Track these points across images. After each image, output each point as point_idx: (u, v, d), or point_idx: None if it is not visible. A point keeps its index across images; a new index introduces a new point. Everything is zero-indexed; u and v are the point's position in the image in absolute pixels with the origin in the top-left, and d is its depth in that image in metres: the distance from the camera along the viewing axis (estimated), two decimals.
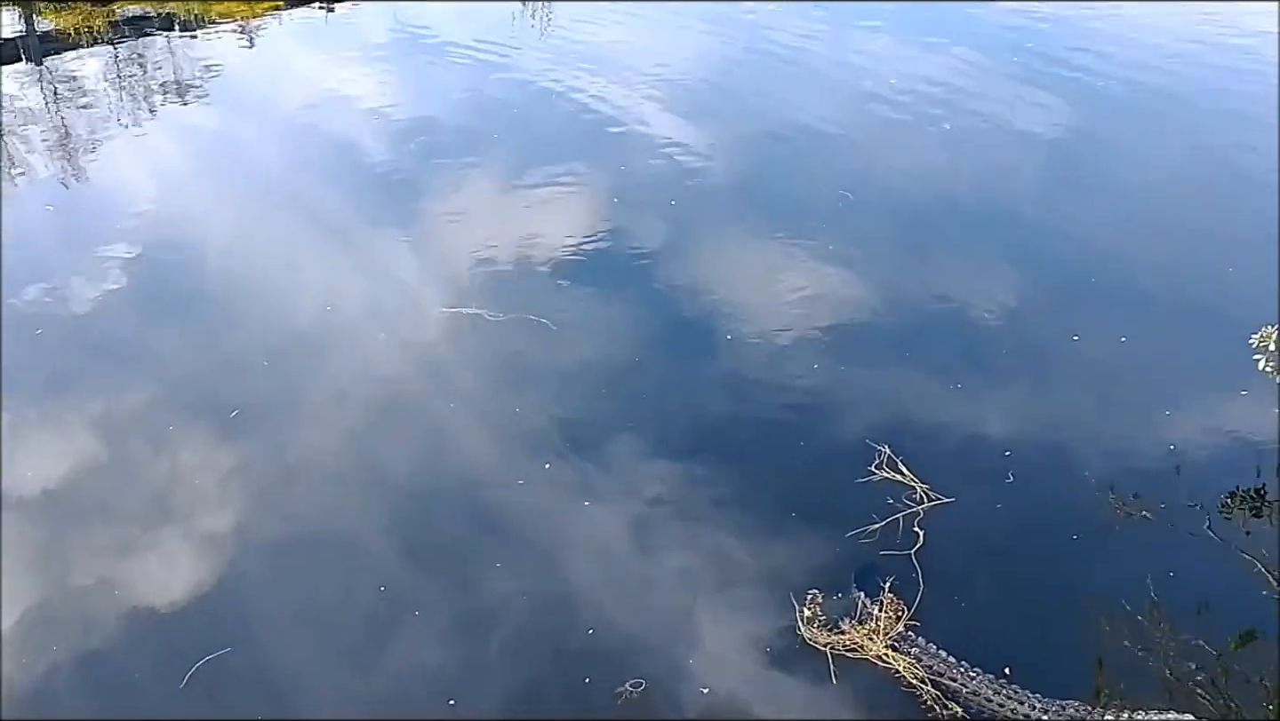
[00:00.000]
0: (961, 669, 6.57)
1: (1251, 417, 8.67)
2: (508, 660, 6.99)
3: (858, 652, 6.72)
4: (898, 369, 9.61)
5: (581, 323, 10.31)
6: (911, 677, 6.54)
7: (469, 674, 6.91)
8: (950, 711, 6.40)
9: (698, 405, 9.24)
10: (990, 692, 6.42)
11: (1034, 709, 6.32)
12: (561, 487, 8.36)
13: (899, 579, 7.24)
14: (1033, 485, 8.24)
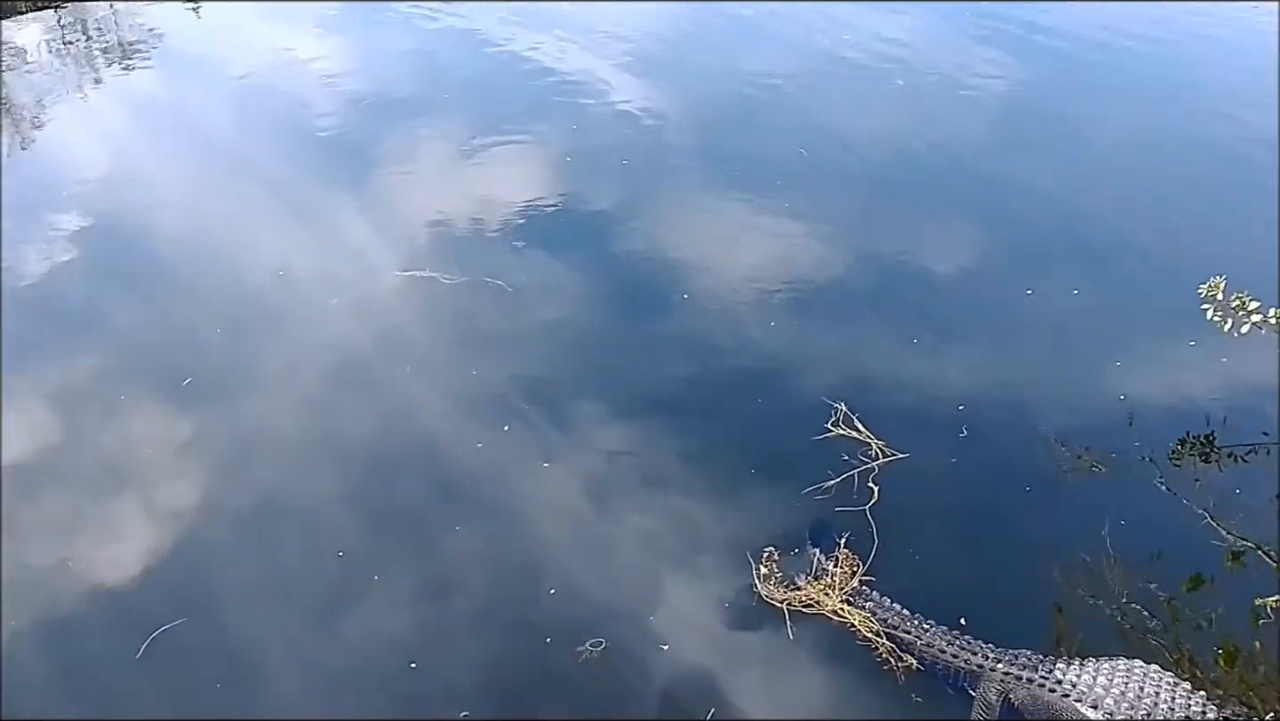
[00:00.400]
0: (915, 621, 6.65)
1: (1200, 367, 8.77)
2: (469, 622, 7.01)
3: (814, 608, 6.79)
4: (854, 325, 9.65)
5: (537, 284, 10.24)
6: (866, 631, 6.61)
7: (430, 637, 6.93)
8: (905, 663, 6.49)
9: (655, 365, 9.24)
10: (944, 644, 6.51)
11: (987, 658, 6.41)
12: (521, 450, 8.35)
13: (854, 534, 7.31)
14: (986, 439, 8.30)
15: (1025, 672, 6.29)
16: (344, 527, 7.71)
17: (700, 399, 8.80)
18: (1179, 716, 5.98)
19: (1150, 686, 6.10)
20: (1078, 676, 6.21)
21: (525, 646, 6.82)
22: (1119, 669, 6.23)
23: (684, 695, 6.42)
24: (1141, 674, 6.19)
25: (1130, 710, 6.01)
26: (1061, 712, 6.13)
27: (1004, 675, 6.30)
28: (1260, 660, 6.65)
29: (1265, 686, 6.54)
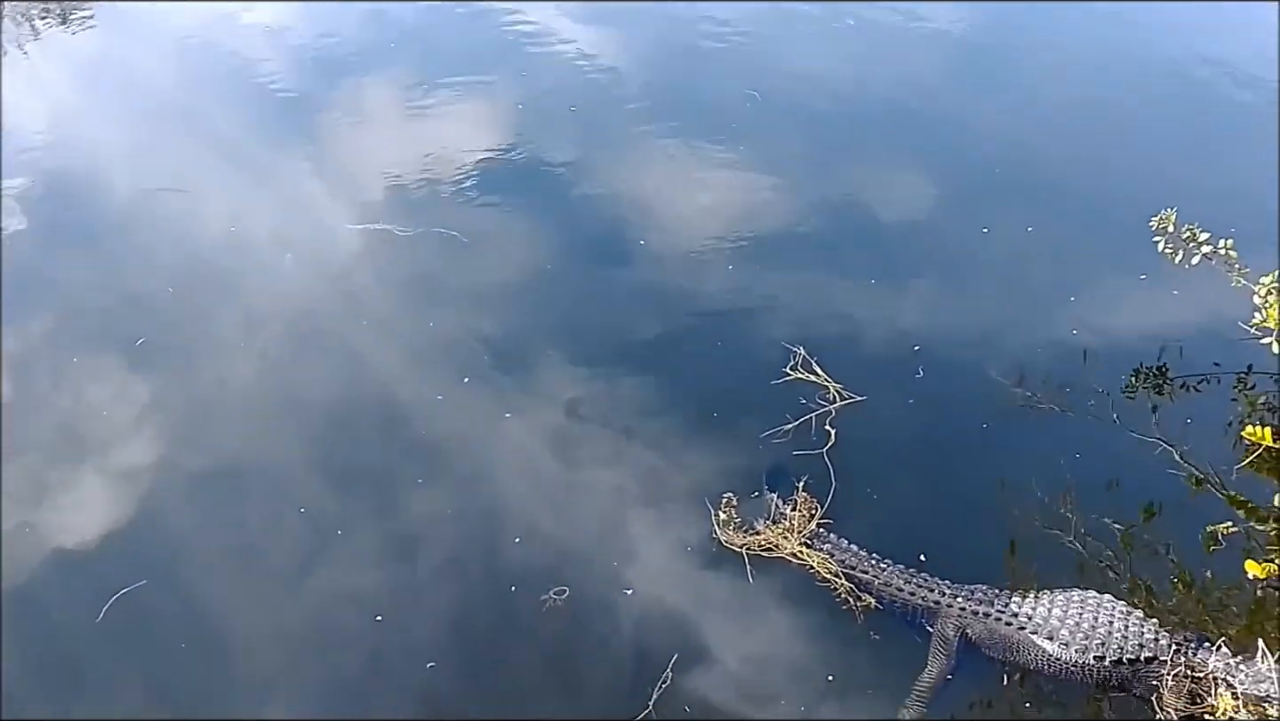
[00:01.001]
0: (872, 561, 6.72)
1: (1152, 300, 8.83)
2: (434, 574, 7.03)
3: (774, 552, 6.84)
4: (811, 269, 9.60)
5: (493, 234, 10.13)
6: (825, 572, 6.67)
7: (395, 590, 6.94)
8: (864, 602, 6.56)
9: (613, 313, 9.20)
10: (901, 582, 6.59)
11: (943, 595, 6.50)
12: (481, 401, 8.32)
13: (813, 478, 7.33)
14: (943, 379, 8.34)
15: (981, 607, 6.38)
16: (304, 484, 7.69)
17: (659, 346, 8.78)
18: (1132, 644, 6.10)
19: (1104, 616, 6.22)
20: (1033, 609, 6.32)
21: (490, 596, 6.85)
22: (1073, 600, 6.34)
23: (647, 640, 6.48)
24: (1095, 604, 6.31)
25: (1084, 640, 6.13)
26: (1018, 645, 6.25)
27: (960, 611, 6.39)
28: (1214, 585, 6.78)
29: (1220, 610, 6.67)
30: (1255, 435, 5.96)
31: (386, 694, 6.40)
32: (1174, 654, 6.07)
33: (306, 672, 6.58)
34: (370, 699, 6.39)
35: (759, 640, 6.43)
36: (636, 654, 6.37)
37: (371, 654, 6.59)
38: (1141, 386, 8.26)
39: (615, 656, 6.42)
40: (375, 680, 6.48)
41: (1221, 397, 8.10)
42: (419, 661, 6.51)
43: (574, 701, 6.21)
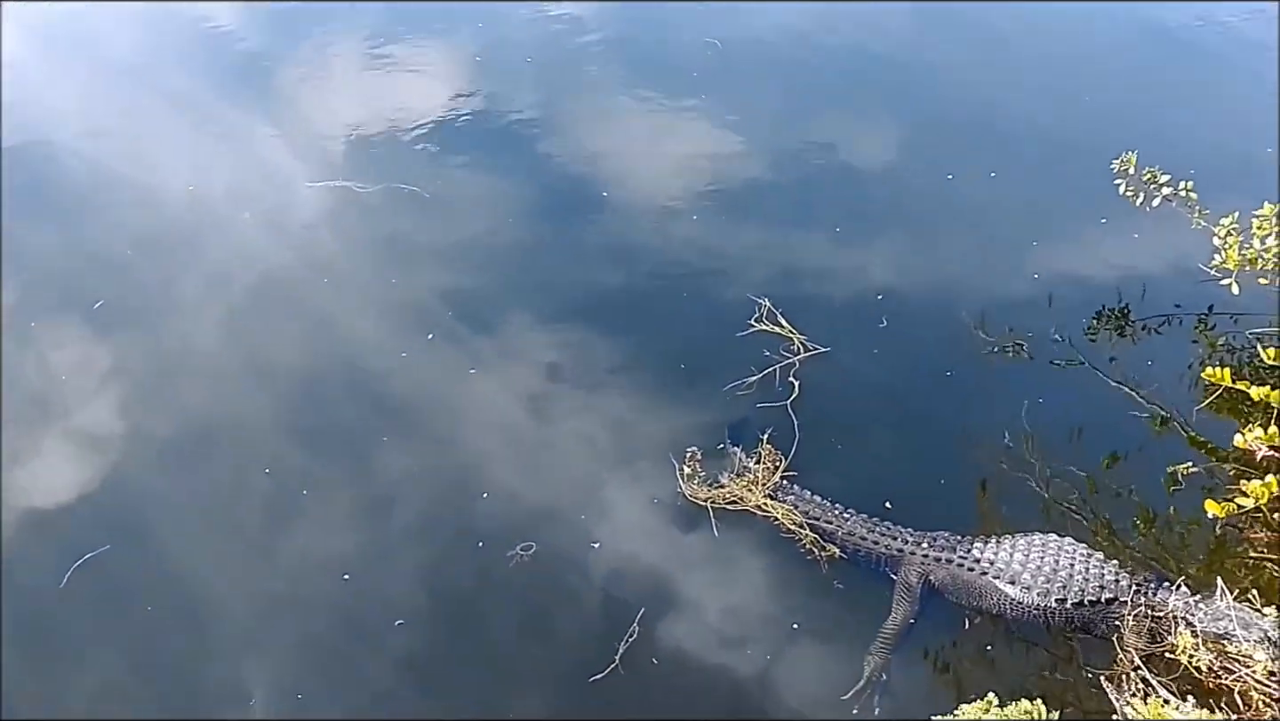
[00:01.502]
0: (836, 511, 6.76)
1: (1114, 243, 8.84)
2: (401, 532, 7.03)
3: (739, 504, 6.86)
4: (776, 219, 9.56)
5: (454, 190, 10.02)
6: (790, 524, 6.70)
7: (362, 548, 6.94)
8: (828, 552, 6.60)
9: (576, 267, 9.14)
10: (864, 531, 6.63)
11: (906, 542, 6.55)
12: (445, 357, 8.29)
13: (777, 430, 7.34)
14: (907, 327, 8.35)
15: (944, 554, 6.44)
16: (267, 444, 7.66)
17: (624, 300, 8.75)
18: (1093, 586, 6.17)
19: (1065, 559, 6.29)
20: (994, 554, 6.38)
21: (458, 553, 6.86)
22: (1034, 544, 6.40)
23: (615, 594, 6.51)
24: (1056, 547, 6.37)
25: (1046, 583, 6.20)
26: (980, 590, 6.31)
27: (923, 558, 6.45)
28: (1176, 524, 6.85)
29: (1181, 550, 6.75)
30: (1215, 376, 5.97)
31: (355, 652, 6.41)
32: (1134, 594, 6.15)
33: (276, 633, 6.58)
34: (339, 657, 6.40)
35: (725, 591, 6.46)
36: (604, 608, 6.40)
37: (339, 612, 6.60)
38: (1104, 329, 8.29)
39: (583, 611, 6.45)
40: (344, 638, 6.49)
41: (1183, 339, 8.15)
42: (387, 619, 6.50)
43: (542, 657, 6.23)
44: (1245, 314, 7.96)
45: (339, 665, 6.38)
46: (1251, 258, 7.41)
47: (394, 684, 6.23)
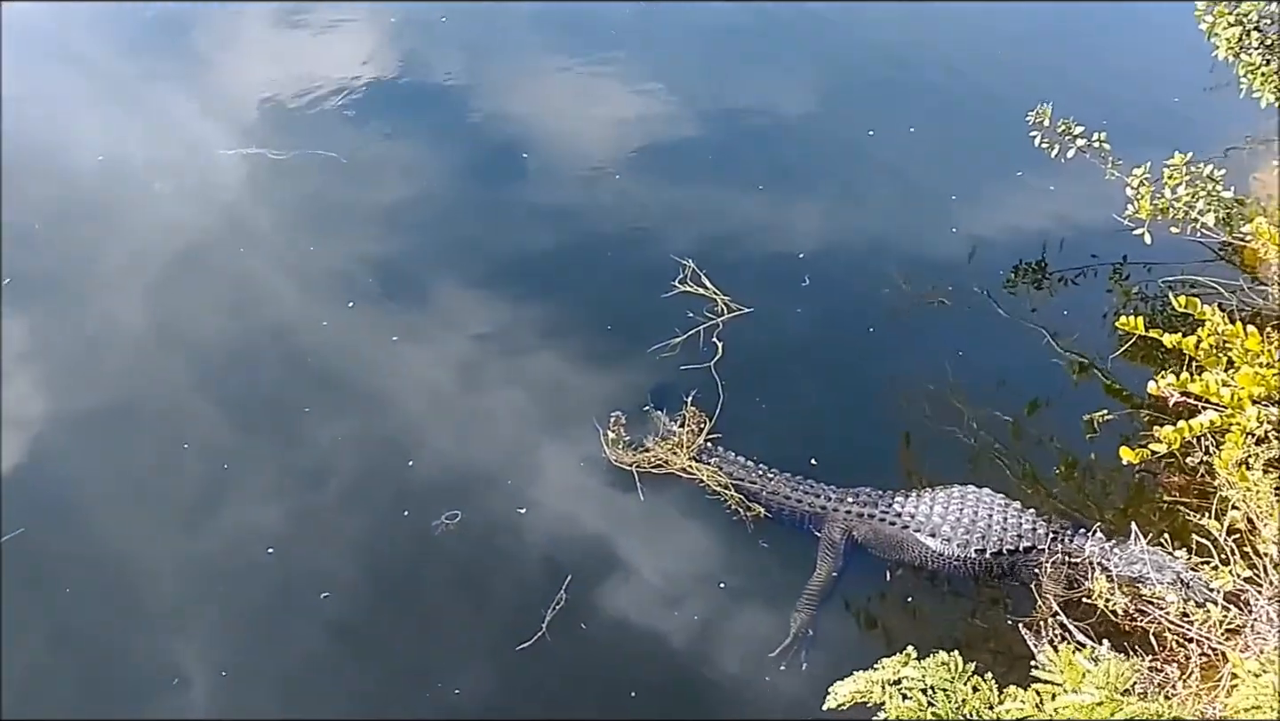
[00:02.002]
0: (759, 471, 6.79)
1: (1031, 196, 8.93)
2: (326, 503, 6.93)
3: (664, 467, 6.86)
4: (699, 178, 9.53)
5: (372, 155, 9.85)
6: (715, 485, 6.72)
7: (286, 521, 6.83)
8: (754, 512, 6.63)
9: (497, 231, 9.02)
10: (788, 490, 6.67)
11: (829, 499, 6.61)
12: (367, 324, 8.16)
13: (701, 391, 7.34)
14: (830, 284, 8.39)
15: (866, 509, 6.51)
16: (186, 417, 7.49)
17: (547, 263, 8.67)
18: (1011, 535, 6.28)
19: (983, 510, 6.39)
20: (915, 508, 6.46)
21: (384, 523, 6.79)
22: (953, 496, 6.49)
23: (541, 562, 6.50)
24: (974, 498, 6.46)
25: (966, 535, 6.30)
26: (902, 544, 6.40)
27: (846, 514, 6.51)
28: (1096, 469, 6.98)
29: (1100, 496, 6.89)
30: (1129, 325, 6.06)
31: (277, 628, 6.34)
32: (1051, 542, 6.27)
33: (200, 609, 6.44)
34: (262, 632, 6.32)
35: (652, 554, 6.48)
36: (531, 576, 6.38)
37: (263, 586, 6.51)
38: (1021, 281, 8.41)
39: (510, 580, 6.42)
40: (267, 613, 6.41)
41: (1099, 289, 8.28)
42: (312, 593, 6.42)
43: (468, 627, 6.20)
44: (1159, 263, 8.10)
45: (262, 639, 6.29)
46: (1163, 207, 7.51)
47: (317, 659, 6.16)
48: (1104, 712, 3.76)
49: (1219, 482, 5.84)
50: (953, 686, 4.32)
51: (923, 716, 4.19)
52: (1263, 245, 6.52)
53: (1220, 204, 7.45)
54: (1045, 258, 8.52)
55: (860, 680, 4.41)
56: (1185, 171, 7.44)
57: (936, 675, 4.34)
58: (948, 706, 4.21)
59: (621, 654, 6.04)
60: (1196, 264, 8.10)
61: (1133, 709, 3.78)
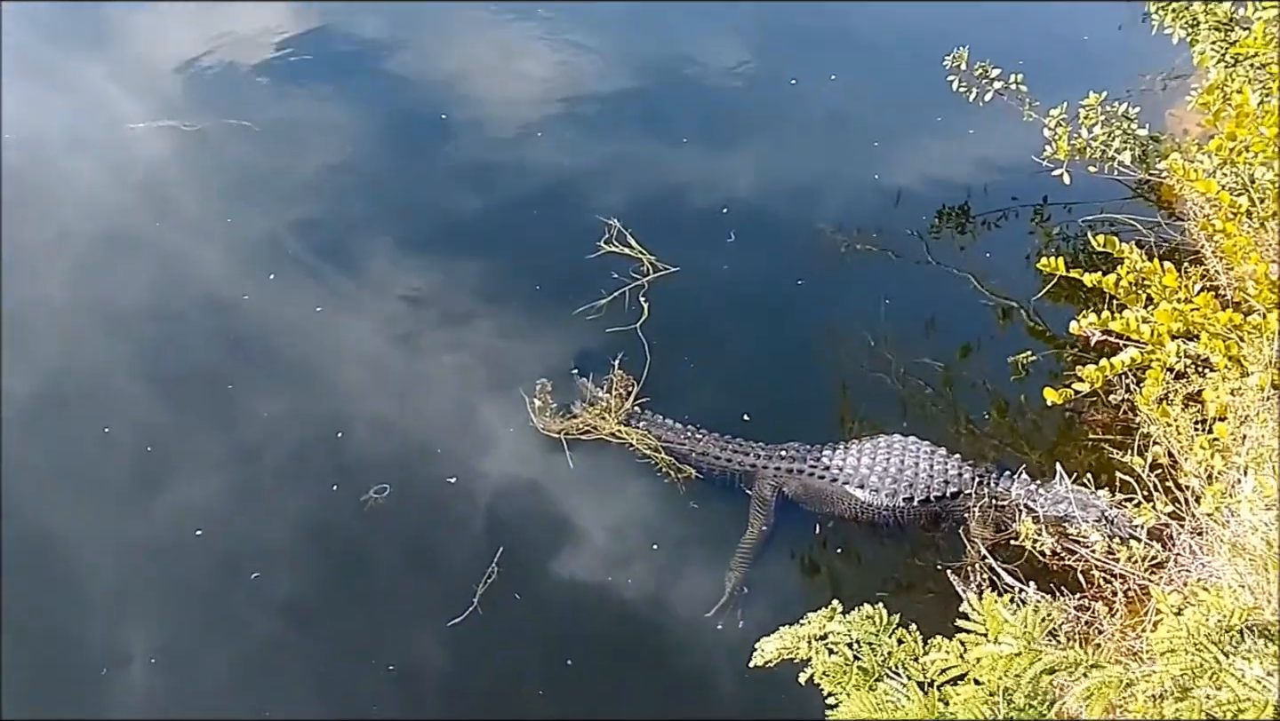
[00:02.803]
0: (688, 433, 6.78)
1: (952, 140, 8.93)
2: (251, 479, 6.83)
3: (593, 433, 6.81)
4: (622, 134, 9.47)
5: (288, 122, 9.62)
6: (645, 449, 6.70)
7: (214, 499, 6.70)
8: (684, 473, 6.62)
9: (419, 195, 8.91)
10: (717, 450, 6.67)
11: (758, 457, 6.61)
12: (290, 295, 8.01)
13: (629, 354, 7.29)
14: (756, 238, 8.34)
15: (795, 465, 6.52)
16: (107, 397, 7.31)
17: (471, 227, 8.55)
18: (938, 481, 6.32)
19: (909, 458, 6.43)
20: (843, 460, 6.48)
21: (313, 498, 6.69)
22: (880, 446, 6.52)
23: (473, 533, 6.44)
24: (901, 447, 6.50)
25: (893, 484, 6.33)
26: (832, 497, 6.43)
27: (775, 471, 6.52)
28: (1027, 410, 7.03)
29: (1033, 435, 6.95)
30: (1050, 266, 6.09)
31: (209, 609, 6.25)
32: (977, 486, 6.32)
33: (127, 590, 6.31)
34: (191, 614, 6.23)
35: (584, 521, 6.45)
36: (462, 549, 6.32)
37: (191, 567, 6.39)
38: (945, 227, 8.43)
39: (440, 553, 6.36)
40: (196, 595, 6.30)
41: (1021, 231, 8.33)
42: (243, 571, 6.32)
43: (399, 604, 6.14)
44: (1079, 202, 8.14)
45: (191, 621, 6.19)
46: (1080, 147, 7.55)
47: (248, 639, 6.08)
48: (1023, 663, 3.78)
49: (1141, 419, 5.90)
50: (878, 639, 4.33)
51: (849, 670, 4.20)
52: (1178, 181, 6.59)
53: (1135, 141, 7.51)
54: (968, 202, 8.54)
55: (786, 636, 4.40)
56: (1100, 111, 7.48)
57: (862, 629, 4.34)
58: (873, 659, 4.23)
59: (558, 621, 6.02)
60: (1116, 202, 8.17)
61: (1050, 658, 3.81)
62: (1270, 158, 6.30)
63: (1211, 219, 6.61)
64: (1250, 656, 3.77)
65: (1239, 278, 6.44)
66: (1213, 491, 5.32)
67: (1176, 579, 5.43)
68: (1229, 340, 5.76)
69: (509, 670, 5.87)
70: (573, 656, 5.86)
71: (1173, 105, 8.63)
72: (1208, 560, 5.44)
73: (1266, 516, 5.06)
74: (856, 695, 4.14)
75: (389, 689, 5.79)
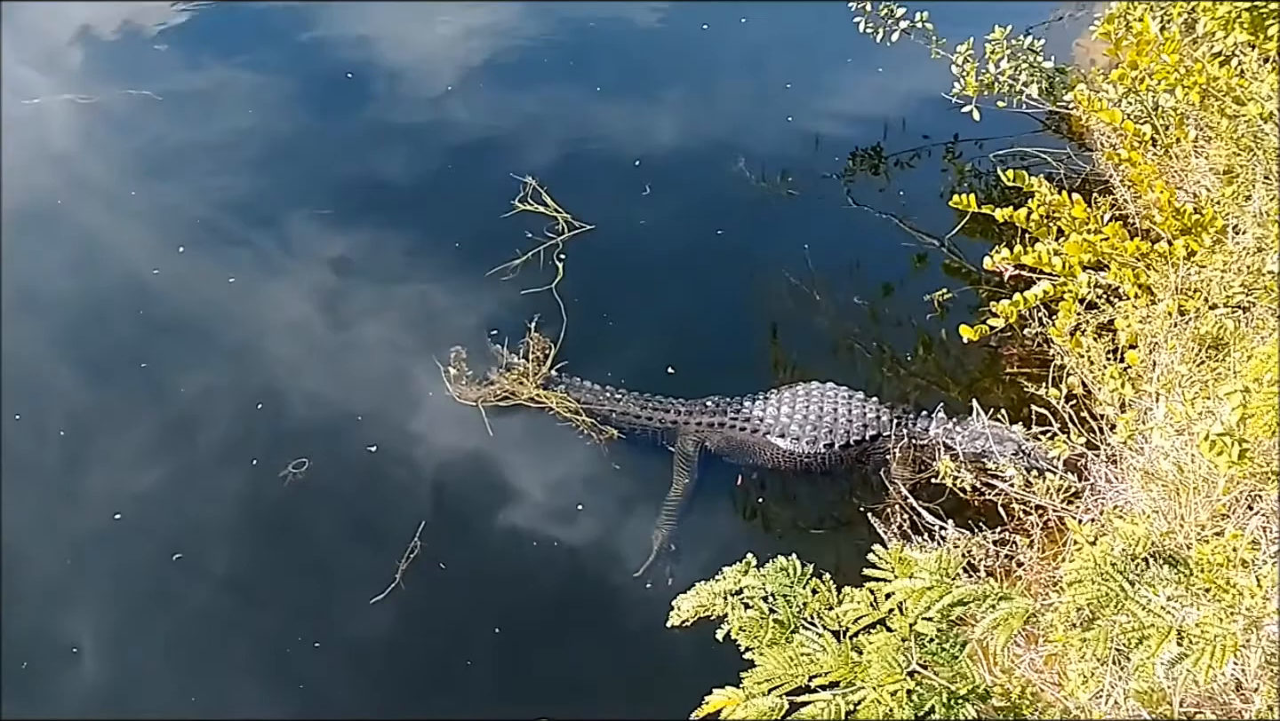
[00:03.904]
0: (607, 393, 6.73)
1: (863, 82, 8.89)
2: (171, 458, 6.66)
3: (512, 399, 6.73)
4: (535, 87, 9.30)
5: (191, 89, 9.35)
6: (565, 412, 6.63)
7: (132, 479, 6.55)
8: (606, 435, 6.59)
9: (325, 159, 8.72)
10: (637, 409, 6.64)
11: (679, 413, 6.59)
12: (200, 269, 7.81)
13: (545, 316, 7.20)
14: (674, 189, 8.26)
15: (716, 419, 6.51)
16: (15, 379, 7.06)
17: (383, 190, 8.37)
18: (857, 426, 6.35)
19: (828, 404, 6.45)
20: (763, 411, 6.49)
21: (234, 475, 6.55)
22: (799, 395, 6.53)
23: (389, 502, 6.37)
24: (819, 394, 6.52)
25: (814, 431, 6.35)
26: (755, 448, 6.44)
27: (697, 426, 6.51)
28: (950, 346, 7.07)
29: (957, 372, 7.00)
30: (962, 203, 6.11)
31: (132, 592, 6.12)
32: (896, 427, 6.36)
33: (51, 584, 6.13)
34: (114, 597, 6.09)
35: (506, 488, 6.37)
36: (382, 524, 6.22)
37: (112, 550, 6.24)
38: (859, 168, 8.41)
39: (360, 529, 6.27)
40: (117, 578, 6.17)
41: (935, 169, 8.33)
42: (165, 553, 6.18)
43: (321, 582, 6.04)
44: (990, 138, 8.16)
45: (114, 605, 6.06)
46: (988, 82, 7.56)
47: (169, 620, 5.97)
48: (934, 596, 3.80)
49: (1055, 352, 5.96)
50: (793, 591, 4.32)
51: (765, 624, 4.20)
52: (1085, 112, 6.61)
53: (1042, 74, 7.54)
54: (881, 143, 8.52)
55: (703, 592, 4.38)
56: (1006, 45, 7.48)
57: (776, 581, 4.34)
58: (788, 611, 4.22)
59: (484, 590, 5.98)
60: (1027, 136, 8.21)
61: (960, 590, 3.83)
62: (1172, 84, 6.35)
63: (1117, 148, 6.67)
64: (1155, 583, 3.82)
65: (1146, 206, 6.50)
66: (1125, 420, 5.41)
67: (1093, 508, 5.52)
68: (1137, 269, 5.84)
69: (437, 641, 5.83)
70: (500, 625, 5.82)
71: (1079, 36, 8.64)
72: (1122, 488, 5.54)
73: (1177, 441, 5.16)
74: (772, 650, 4.14)
75: (316, 668, 5.71)
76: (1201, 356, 5.45)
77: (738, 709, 3.68)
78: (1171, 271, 5.68)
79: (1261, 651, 4.03)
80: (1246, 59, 6.47)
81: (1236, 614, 3.67)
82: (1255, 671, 4.10)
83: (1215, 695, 4.24)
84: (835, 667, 3.84)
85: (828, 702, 3.65)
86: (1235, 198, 6.15)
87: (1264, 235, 5.52)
